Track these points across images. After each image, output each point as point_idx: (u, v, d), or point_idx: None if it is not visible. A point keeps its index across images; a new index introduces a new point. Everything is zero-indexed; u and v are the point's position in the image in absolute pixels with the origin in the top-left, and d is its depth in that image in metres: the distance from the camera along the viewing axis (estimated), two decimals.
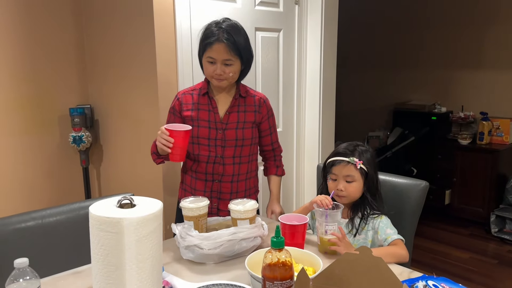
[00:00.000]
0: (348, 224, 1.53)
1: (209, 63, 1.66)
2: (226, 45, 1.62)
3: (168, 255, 1.43)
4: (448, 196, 4.06)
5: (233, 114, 1.76)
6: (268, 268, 1.02)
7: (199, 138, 1.73)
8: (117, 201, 0.99)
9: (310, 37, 2.70)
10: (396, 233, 1.45)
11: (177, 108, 1.78)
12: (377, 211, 1.51)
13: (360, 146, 1.56)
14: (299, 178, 2.90)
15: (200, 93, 1.77)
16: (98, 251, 0.95)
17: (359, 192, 1.51)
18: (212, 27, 1.67)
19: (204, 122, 1.74)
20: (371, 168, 1.51)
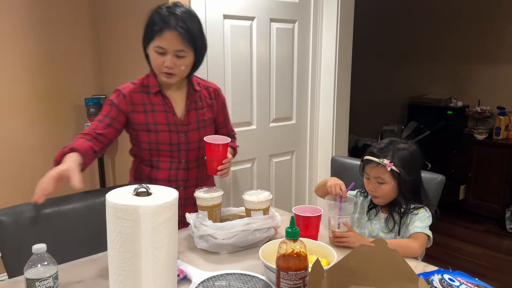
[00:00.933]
0: (388, 221, 1.49)
1: (157, 53, 1.45)
2: (180, 33, 1.42)
3: (182, 244, 1.44)
4: (463, 191, 4.01)
5: (192, 113, 1.61)
6: (283, 258, 1.02)
7: (159, 144, 1.56)
8: (133, 189, 1.00)
9: (325, 28, 2.68)
10: (424, 227, 1.41)
11: (123, 107, 1.53)
12: (418, 205, 1.47)
13: (399, 144, 1.47)
14: (312, 171, 2.90)
15: (151, 91, 1.55)
16: (114, 238, 0.96)
17: (391, 193, 1.46)
18: (162, 11, 1.45)
19: (163, 126, 1.55)
20: (405, 169, 1.43)
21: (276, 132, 2.65)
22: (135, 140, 1.63)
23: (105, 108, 1.55)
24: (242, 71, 2.41)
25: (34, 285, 0.99)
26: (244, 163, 2.53)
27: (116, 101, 1.54)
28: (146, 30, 1.49)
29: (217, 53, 2.27)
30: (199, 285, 1.13)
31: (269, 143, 2.63)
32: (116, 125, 1.54)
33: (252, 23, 2.39)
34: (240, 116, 2.45)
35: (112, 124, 1.53)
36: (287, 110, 2.69)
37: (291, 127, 2.74)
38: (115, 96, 1.55)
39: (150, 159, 1.60)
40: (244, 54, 2.39)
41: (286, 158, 2.77)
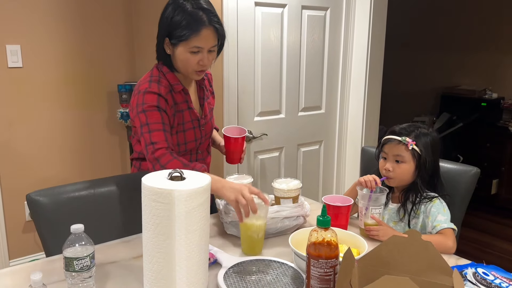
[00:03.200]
0: (399, 209, 1.47)
1: (192, 53, 1.39)
2: (215, 29, 1.38)
3: (212, 229, 1.46)
4: (495, 185, 3.90)
5: (205, 105, 1.59)
6: (313, 246, 1.02)
7: (187, 143, 1.53)
8: (168, 174, 1.02)
9: (358, 16, 2.62)
10: (447, 220, 1.38)
11: (168, 110, 1.45)
12: (430, 194, 1.44)
13: (421, 128, 1.47)
14: (340, 161, 2.87)
15: (175, 90, 1.48)
16: (149, 221, 0.98)
17: (408, 174, 1.44)
18: (188, 7, 1.36)
19: (189, 123, 1.52)
20: (427, 152, 1.42)
21: (304, 121, 2.64)
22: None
23: (156, 115, 1.40)
24: (272, 59, 2.40)
25: (72, 264, 1.02)
26: (272, 152, 2.54)
27: (163, 106, 1.43)
28: (175, 30, 1.38)
29: (247, 41, 2.27)
30: (229, 270, 1.14)
31: (297, 132, 2.62)
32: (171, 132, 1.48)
33: (283, 11, 2.37)
34: (269, 105, 2.45)
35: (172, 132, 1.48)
36: (316, 99, 2.67)
37: (320, 116, 2.72)
38: (156, 100, 1.41)
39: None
40: (275, 42, 2.38)
41: (314, 148, 2.76)
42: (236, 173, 1.55)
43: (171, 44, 1.42)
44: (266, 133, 2.44)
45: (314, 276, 1.01)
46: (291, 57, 2.47)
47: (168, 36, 1.41)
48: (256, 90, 2.38)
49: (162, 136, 1.39)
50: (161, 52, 1.46)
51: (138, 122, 1.42)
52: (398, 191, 1.50)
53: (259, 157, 2.48)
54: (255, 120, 2.41)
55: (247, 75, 2.31)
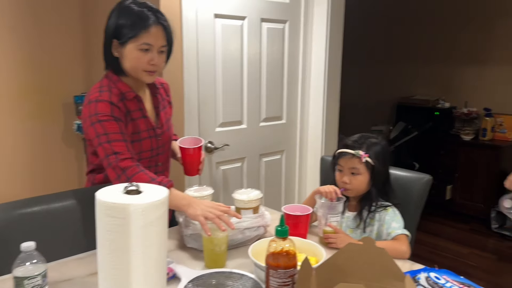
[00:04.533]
0: (356, 217, 1.52)
1: (142, 51, 1.37)
2: (164, 27, 1.39)
3: (172, 243, 1.44)
4: (450, 191, 4.07)
5: (161, 114, 1.55)
6: (272, 256, 1.03)
7: (142, 153, 1.47)
8: (123, 188, 1.00)
9: (316, 29, 2.69)
10: (401, 227, 1.44)
11: (123, 119, 1.40)
12: (385, 203, 1.50)
13: (371, 138, 1.53)
14: (301, 171, 2.91)
15: (127, 97, 1.43)
16: (104, 237, 0.96)
17: (364, 185, 1.49)
18: (135, 7, 1.37)
19: (144, 132, 1.47)
20: (379, 162, 1.48)
21: (266, 132, 2.66)
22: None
23: (113, 124, 1.36)
24: (233, 70, 2.41)
25: (23, 284, 0.98)
26: (234, 162, 2.54)
27: (117, 115, 1.38)
28: (123, 30, 1.36)
29: (208, 52, 2.27)
30: (188, 284, 1.13)
31: (259, 143, 2.64)
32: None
33: (243, 23, 2.39)
34: (230, 115, 2.46)
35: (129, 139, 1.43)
36: (277, 110, 2.71)
37: (281, 126, 2.75)
38: (109, 109, 1.37)
39: None
40: (235, 54, 2.40)
41: (276, 158, 2.79)
42: (197, 185, 1.53)
43: (119, 45, 1.39)
44: (228, 143, 2.45)
45: (273, 286, 1.02)
46: (252, 68, 2.49)
47: (116, 37, 1.39)
48: (217, 101, 2.38)
49: (124, 146, 1.36)
50: (109, 57, 1.43)
51: (93, 133, 1.37)
52: (354, 199, 1.54)
53: (221, 168, 2.48)
54: (216, 131, 2.41)
55: (207, 86, 2.31)
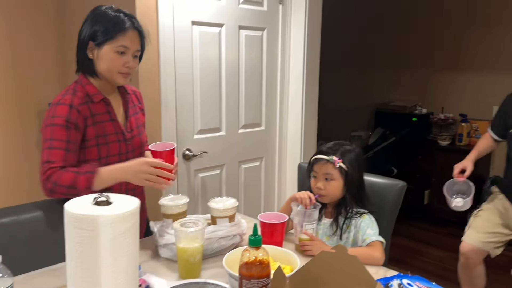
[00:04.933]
0: (332, 224, 1.53)
1: (118, 53, 1.41)
2: (140, 33, 1.45)
3: (146, 253, 1.42)
4: (428, 196, 4.12)
5: (132, 119, 1.56)
6: (245, 266, 1.03)
7: (109, 157, 1.46)
8: (93, 199, 0.98)
9: (293, 36, 2.71)
10: (376, 234, 1.46)
11: (80, 123, 1.40)
12: (361, 210, 1.51)
13: (345, 145, 1.56)
14: (281, 177, 2.92)
15: (94, 100, 1.45)
16: (73, 249, 0.94)
17: (338, 191, 1.51)
18: (113, 13, 1.43)
19: (111, 136, 1.47)
20: (353, 168, 1.51)
21: (245, 138, 2.66)
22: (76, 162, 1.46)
23: (61, 131, 1.37)
24: (211, 77, 2.41)
25: None
26: (213, 169, 2.53)
27: (73, 119, 1.38)
28: (100, 32, 1.40)
29: (185, 59, 2.26)
30: None
31: (238, 149, 2.63)
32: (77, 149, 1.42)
33: (221, 30, 2.39)
34: (209, 122, 2.45)
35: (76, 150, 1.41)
36: (256, 117, 2.71)
37: (260, 133, 2.76)
38: (66, 113, 1.38)
39: None
40: (213, 61, 2.40)
41: (255, 164, 2.78)
42: (172, 193, 1.52)
43: (95, 46, 1.42)
44: (207, 150, 2.43)
45: None
46: (230, 75, 2.49)
47: (92, 39, 1.42)
48: (195, 108, 2.37)
49: (61, 155, 1.37)
50: (83, 59, 1.45)
51: (43, 135, 1.40)
52: (330, 206, 1.55)
53: (200, 175, 2.46)
54: (195, 138, 2.39)
55: (185, 93, 2.30)
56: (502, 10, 3.91)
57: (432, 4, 4.32)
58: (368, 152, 4.06)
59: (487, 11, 4.00)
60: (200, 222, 1.25)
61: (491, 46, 4.00)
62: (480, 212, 2.30)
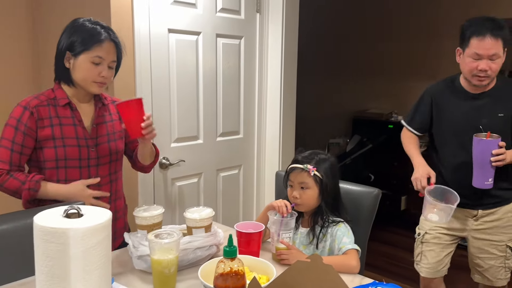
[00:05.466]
0: (309, 233, 1.53)
1: (93, 64, 1.47)
2: (116, 44, 1.51)
3: (120, 265, 1.39)
4: (404, 202, 4.19)
5: (101, 126, 1.59)
6: (221, 277, 1.02)
7: (67, 160, 1.50)
8: (63, 211, 0.96)
9: (271, 45, 2.73)
10: (352, 242, 1.46)
11: (31, 124, 1.45)
12: (337, 219, 1.52)
13: (320, 154, 1.57)
14: (259, 185, 2.91)
15: (59, 104, 1.51)
16: (42, 263, 0.91)
17: (314, 199, 1.52)
18: (90, 24, 1.49)
19: (71, 140, 1.50)
20: (328, 177, 1.52)
21: (223, 147, 2.65)
22: (35, 161, 1.53)
23: (10, 131, 1.45)
24: (188, 85, 2.39)
25: None
26: (190, 178, 2.50)
27: (18, 116, 1.45)
28: (77, 43, 1.47)
29: (162, 67, 2.24)
30: None
31: (216, 158, 2.62)
32: (26, 152, 1.49)
33: (198, 38, 2.39)
34: (186, 131, 2.43)
35: (24, 152, 1.48)
36: (234, 125, 2.70)
37: (238, 141, 2.75)
38: (20, 114, 1.46)
39: (57, 179, 1.51)
40: (190, 69, 2.39)
41: (233, 172, 2.77)
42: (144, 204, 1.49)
43: (72, 56, 1.48)
44: (184, 159, 2.41)
45: None
46: (208, 83, 2.49)
47: (69, 49, 1.48)
48: (172, 116, 2.35)
49: (7, 155, 1.45)
50: (60, 68, 1.51)
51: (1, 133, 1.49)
52: (307, 215, 1.56)
53: (177, 184, 2.44)
54: (172, 146, 2.37)
55: (162, 101, 2.28)
56: None
57: (408, 16, 4.42)
58: (346, 159, 4.10)
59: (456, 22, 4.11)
60: (175, 233, 1.23)
61: None
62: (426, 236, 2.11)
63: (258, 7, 2.67)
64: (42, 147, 1.49)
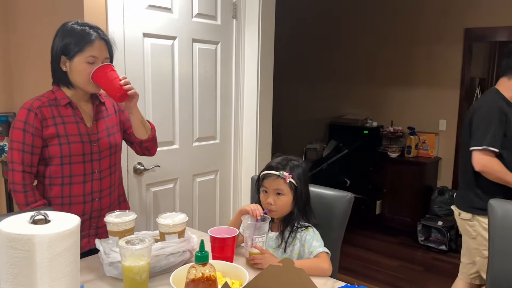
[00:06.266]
0: (278, 237, 1.54)
1: (89, 64, 1.54)
2: (106, 42, 1.58)
3: (91, 272, 1.36)
4: (379, 206, 4.25)
5: (100, 122, 1.68)
6: (192, 283, 1.01)
7: (72, 156, 1.57)
8: (30, 217, 0.93)
9: (247, 50, 2.74)
10: (322, 245, 1.48)
11: (37, 124, 1.53)
12: (305, 224, 1.54)
13: (293, 161, 1.58)
14: (236, 190, 2.91)
15: (60, 104, 1.59)
16: (7, 271, 0.89)
17: (288, 205, 1.53)
18: (78, 27, 1.55)
19: (75, 136, 1.58)
20: (301, 183, 1.53)
21: (199, 152, 2.64)
22: (41, 159, 1.59)
23: (18, 134, 1.53)
24: (164, 90, 2.38)
25: None
26: (166, 183, 2.48)
27: (24, 119, 1.53)
28: (70, 46, 1.53)
29: (136, 72, 2.22)
30: None
31: (192, 163, 2.60)
32: (37, 151, 1.56)
33: (173, 43, 2.38)
34: (161, 136, 2.40)
35: (34, 152, 1.55)
36: (210, 129, 2.70)
37: (215, 146, 2.74)
38: (25, 116, 1.54)
39: (62, 175, 1.58)
40: (166, 73, 2.37)
41: (210, 178, 2.76)
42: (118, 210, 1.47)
43: (67, 60, 1.55)
44: (159, 164, 2.39)
45: None
46: (184, 88, 2.47)
47: (64, 53, 1.55)
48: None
49: (20, 157, 1.52)
50: (58, 72, 1.58)
51: (9, 137, 1.56)
52: (277, 220, 1.57)
53: (152, 190, 2.41)
54: None
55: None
56: (443, 31, 4.15)
57: (384, 24, 4.52)
58: (323, 164, 4.14)
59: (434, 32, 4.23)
60: (146, 239, 1.22)
61: (437, 63, 4.23)
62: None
63: (234, 13, 2.68)
64: (47, 145, 1.56)
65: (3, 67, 2.47)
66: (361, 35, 4.68)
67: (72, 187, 1.59)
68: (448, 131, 4.22)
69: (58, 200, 1.59)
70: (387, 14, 4.48)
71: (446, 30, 4.13)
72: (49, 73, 2.21)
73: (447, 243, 3.77)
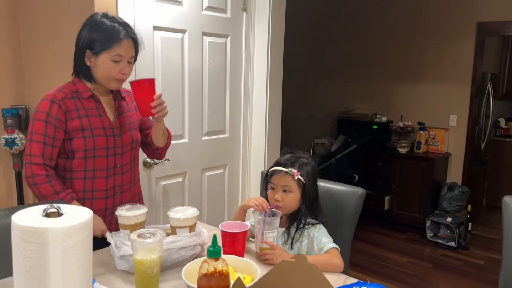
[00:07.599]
0: (284, 233, 1.54)
1: (114, 62, 1.52)
2: (134, 41, 1.55)
3: (102, 266, 1.36)
4: (388, 202, 4.23)
5: (123, 116, 1.67)
6: (204, 278, 1.00)
7: (96, 149, 1.55)
8: (42, 210, 0.93)
9: (257, 44, 2.72)
10: (331, 241, 1.47)
11: (61, 116, 1.50)
12: (313, 221, 1.53)
13: (302, 158, 1.57)
14: (244, 185, 2.90)
15: (83, 96, 1.56)
16: (20, 263, 0.89)
17: (295, 203, 1.52)
18: (109, 22, 1.51)
19: (99, 130, 1.56)
20: (310, 181, 1.52)
21: (208, 146, 2.63)
22: (63, 152, 1.56)
23: (40, 125, 1.49)
24: (173, 83, 2.37)
25: None
26: (175, 177, 2.48)
27: (48, 111, 1.49)
28: (97, 42, 1.50)
29: (146, 65, 2.21)
30: None
31: (201, 157, 2.60)
32: (58, 144, 1.53)
33: (183, 36, 2.37)
34: (171, 129, 2.35)
35: (55, 144, 1.52)
36: (220, 123, 2.69)
37: (224, 140, 2.74)
38: (48, 107, 1.50)
39: (85, 169, 1.56)
40: (176, 67, 2.36)
41: (219, 172, 2.76)
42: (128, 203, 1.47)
43: (92, 55, 1.51)
44: (168, 158, 2.38)
45: None
46: (193, 81, 2.47)
47: (90, 48, 1.51)
48: None
49: (40, 149, 1.48)
50: (81, 66, 1.55)
51: (29, 128, 1.51)
52: (284, 216, 1.56)
53: (161, 183, 2.41)
54: None
55: None
56: (454, 25, 4.10)
57: (395, 19, 4.47)
58: (331, 159, 4.12)
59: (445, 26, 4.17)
60: (158, 233, 1.22)
61: (448, 57, 4.18)
62: None
63: (244, 6, 2.66)
64: (71, 138, 1.53)
65: (14, 60, 2.48)
66: (370, 30, 4.64)
67: (95, 181, 1.57)
68: (458, 127, 4.18)
69: (80, 195, 1.56)
70: (397, 8, 4.43)
71: (458, 24, 4.07)
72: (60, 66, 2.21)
73: (456, 240, 3.74)
